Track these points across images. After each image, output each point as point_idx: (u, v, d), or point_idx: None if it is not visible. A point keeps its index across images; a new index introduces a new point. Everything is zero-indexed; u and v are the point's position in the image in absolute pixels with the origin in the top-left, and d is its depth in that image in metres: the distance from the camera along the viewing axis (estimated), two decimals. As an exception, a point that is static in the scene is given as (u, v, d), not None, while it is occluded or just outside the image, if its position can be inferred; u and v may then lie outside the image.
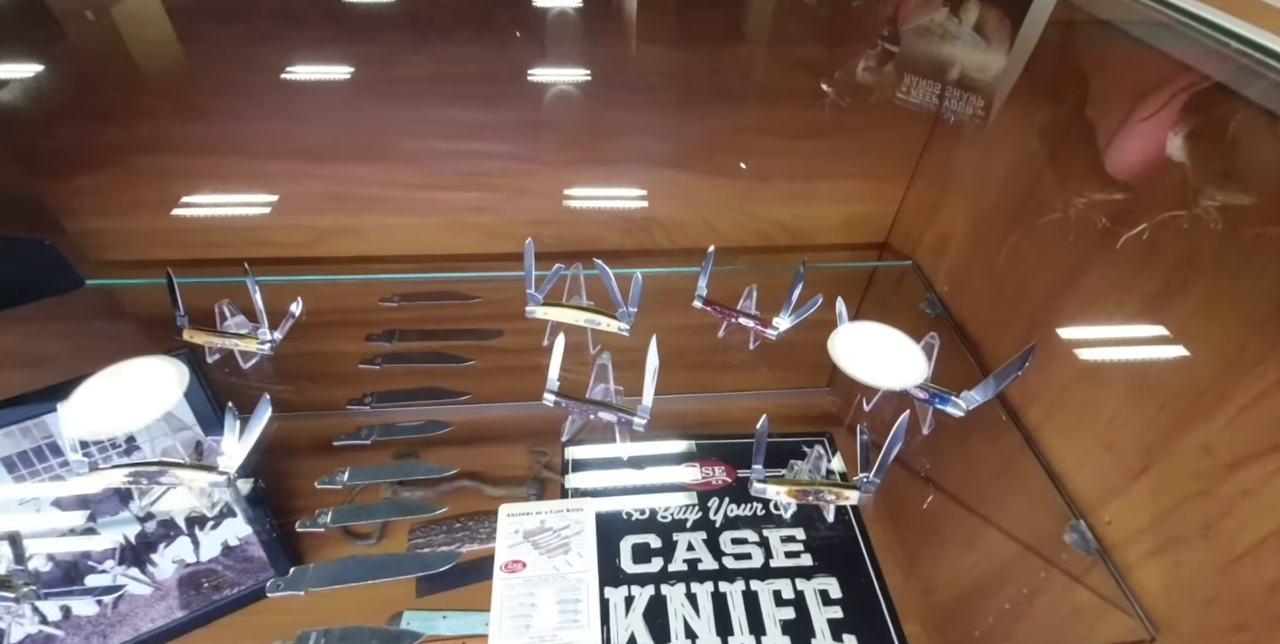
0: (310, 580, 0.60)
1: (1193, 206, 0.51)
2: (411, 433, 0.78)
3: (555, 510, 0.60)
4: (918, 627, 0.89)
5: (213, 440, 0.62)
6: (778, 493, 0.59)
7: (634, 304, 0.69)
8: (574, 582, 0.55)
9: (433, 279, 0.84)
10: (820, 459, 0.62)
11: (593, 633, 0.52)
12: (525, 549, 0.57)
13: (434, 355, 0.82)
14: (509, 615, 0.53)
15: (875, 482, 0.57)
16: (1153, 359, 0.53)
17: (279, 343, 0.69)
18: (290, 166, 0.79)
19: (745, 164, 0.83)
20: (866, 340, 0.71)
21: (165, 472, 0.54)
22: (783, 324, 0.72)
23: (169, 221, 0.81)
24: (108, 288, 0.82)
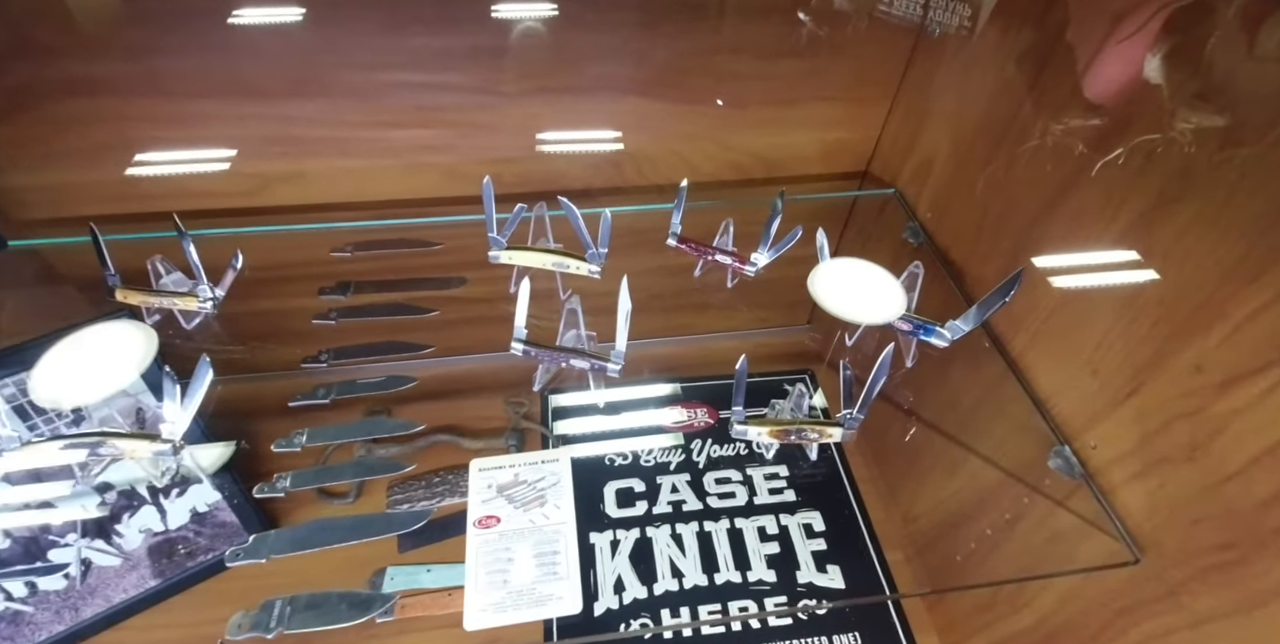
0: (272, 547, 0.57)
1: (1168, 129, 0.49)
2: (372, 390, 0.74)
3: (530, 463, 0.58)
4: (900, 554, 0.91)
5: (156, 407, 0.58)
6: (759, 434, 0.57)
7: (604, 245, 0.65)
8: (551, 534, 0.53)
9: (389, 226, 0.79)
10: (802, 397, 0.61)
11: (573, 584, 0.51)
12: (499, 504, 0.55)
13: (394, 307, 0.77)
14: (484, 572, 0.52)
15: (859, 418, 0.56)
16: (1143, 280, 0.51)
17: (222, 300, 0.64)
18: (224, 106, 0.72)
19: (719, 88, 0.78)
20: (846, 276, 0.68)
21: (104, 442, 0.50)
22: (761, 260, 0.69)
23: (94, 173, 0.75)
24: (33, 249, 0.76)
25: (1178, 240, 0.48)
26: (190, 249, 0.61)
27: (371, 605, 0.55)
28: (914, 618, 0.85)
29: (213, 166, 0.77)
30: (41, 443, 0.51)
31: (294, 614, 0.57)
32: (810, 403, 0.62)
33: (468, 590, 0.51)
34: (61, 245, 0.78)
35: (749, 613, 0.84)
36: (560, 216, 0.71)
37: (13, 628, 0.73)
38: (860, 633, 0.83)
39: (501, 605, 0.49)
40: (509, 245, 0.67)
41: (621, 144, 0.83)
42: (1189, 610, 0.50)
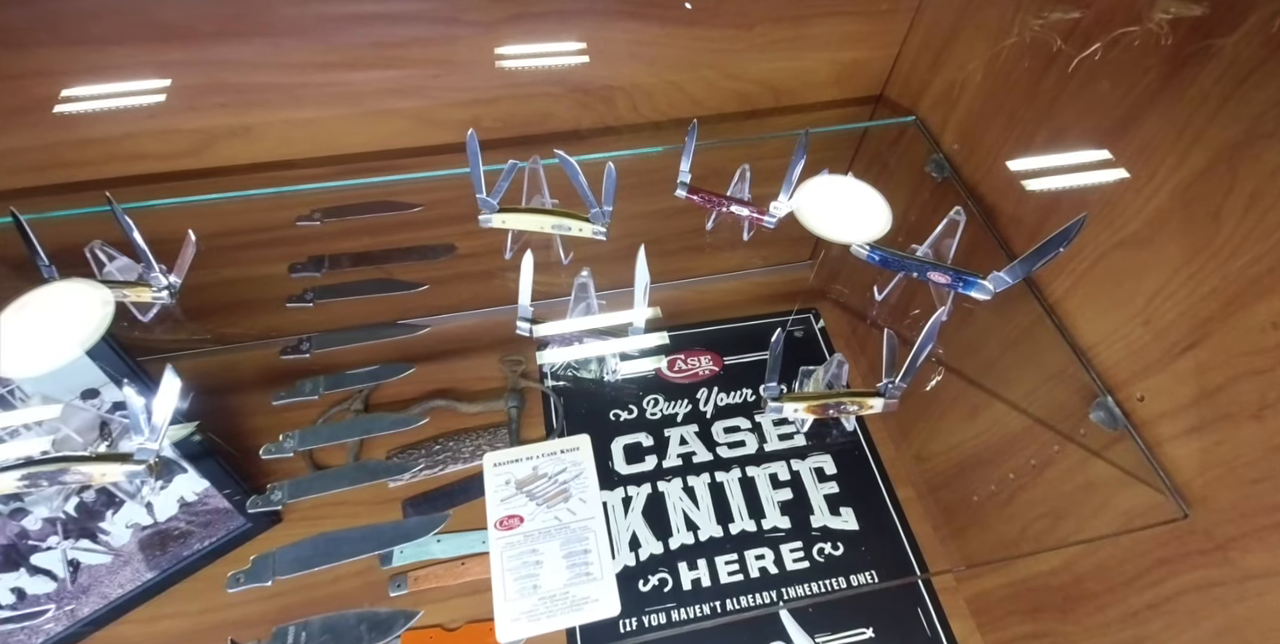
0: (276, 568, 0.53)
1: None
2: (364, 381, 0.68)
3: (548, 454, 0.54)
4: (911, 492, 0.91)
5: (121, 416, 0.52)
6: (795, 411, 0.53)
7: (609, 201, 0.58)
8: (579, 531, 0.50)
9: (358, 186, 0.70)
10: (841, 367, 0.56)
11: (608, 584, 0.48)
12: (519, 501, 0.51)
13: (377, 283, 0.70)
14: (512, 577, 0.48)
15: (901, 386, 0.52)
16: (1218, 228, 0.47)
17: (179, 287, 0.56)
18: (145, 53, 0.61)
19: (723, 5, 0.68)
20: (831, 194, 0.64)
21: (67, 469, 0.44)
22: (782, 209, 0.63)
23: (4, 140, 0.64)
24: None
25: (1271, 179, 0.43)
26: (135, 234, 0.53)
27: (394, 624, 0.52)
28: (929, 553, 0.86)
29: (143, 125, 0.67)
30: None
31: (309, 640, 0.54)
32: (848, 374, 0.58)
33: (496, 599, 0.48)
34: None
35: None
36: (554, 166, 0.64)
37: (5, 636, 0.70)
38: (877, 571, 0.84)
39: (534, 613, 0.46)
40: (501, 207, 0.59)
41: (612, 76, 0.74)
42: (1237, 566, 0.49)
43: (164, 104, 0.65)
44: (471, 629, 0.78)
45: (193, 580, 0.79)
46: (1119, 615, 0.59)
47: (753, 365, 1.05)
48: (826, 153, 0.82)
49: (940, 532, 0.87)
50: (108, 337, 0.63)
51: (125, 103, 0.64)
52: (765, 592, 0.82)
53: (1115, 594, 0.59)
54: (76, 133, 0.66)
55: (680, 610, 0.80)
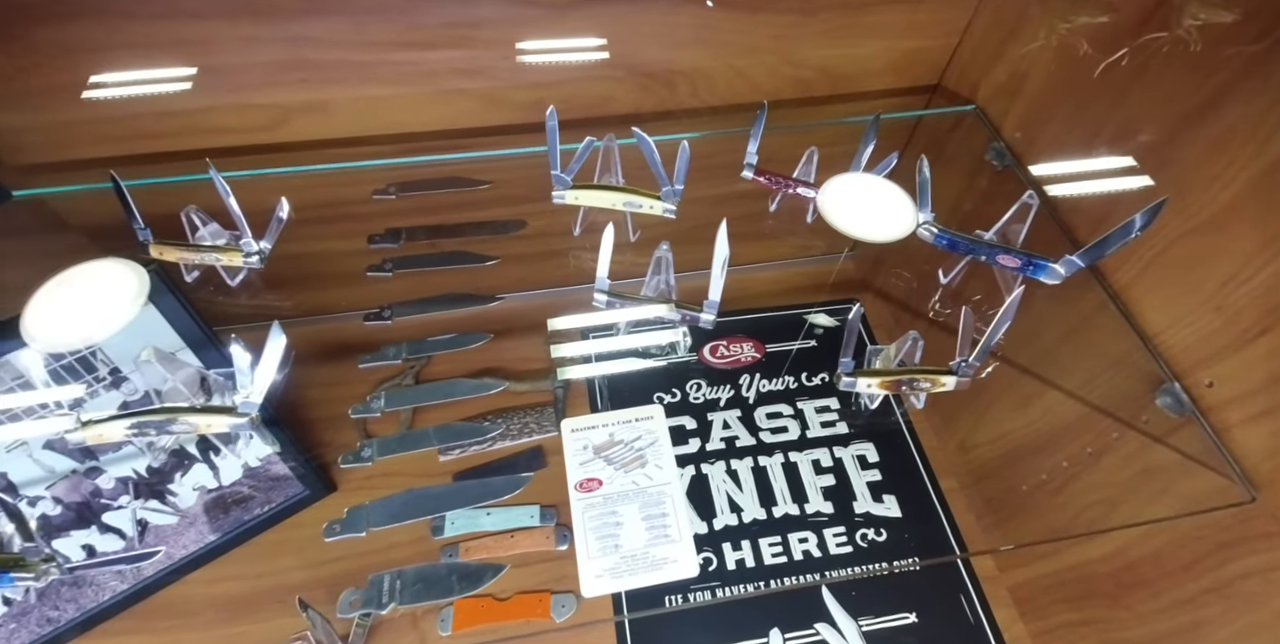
0: (369, 520, 0.55)
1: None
2: (444, 348, 0.70)
3: (623, 421, 0.55)
4: (954, 482, 0.92)
5: (217, 374, 0.54)
6: (869, 386, 0.54)
7: (680, 180, 0.59)
8: (656, 496, 0.51)
9: (429, 163, 0.71)
10: (916, 343, 0.57)
11: (687, 546, 0.49)
12: (598, 466, 0.53)
13: (451, 255, 0.72)
14: (594, 537, 0.50)
15: (974, 365, 0.53)
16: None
17: (268, 253, 0.58)
18: (233, 27, 0.63)
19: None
20: (856, 192, 0.64)
21: (175, 419, 0.46)
22: (849, 191, 0.64)
23: (92, 109, 0.66)
24: (39, 199, 0.69)
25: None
26: (231, 200, 0.55)
27: (483, 576, 0.54)
28: (972, 542, 0.86)
29: (223, 99, 0.69)
30: (105, 422, 0.47)
31: (404, 589, 0.55)
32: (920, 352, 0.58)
33: (580, 557, 0.49)
34: (69, 193, 0.71)
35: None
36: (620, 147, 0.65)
37: (76, 590, 0.73)
38: (920, 558, 0.85)
39: (617, 571, 0.47)
40: (574, 183, 0.61)
41: (676, 61, 0.75)
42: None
43: (245, 79, 0.67)
44: (521, 599, 0.79)
45: (251, 545, 0.81)
46: (1174, 601, 0.59)
47: (793, 353, 1.06)
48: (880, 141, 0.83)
49: (983, 521, 0.87)
50: (185, 303, 0.65)
51: (208, 77, 0.67)
52: (808, 574, 0.83)
53: (1171, 580, 0.59)
54: (159, 105, 0.68)
55: (725, 589, 0.81)
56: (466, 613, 0.77)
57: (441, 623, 0.75)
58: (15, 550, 0.45)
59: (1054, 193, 0.67)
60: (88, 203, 0.74)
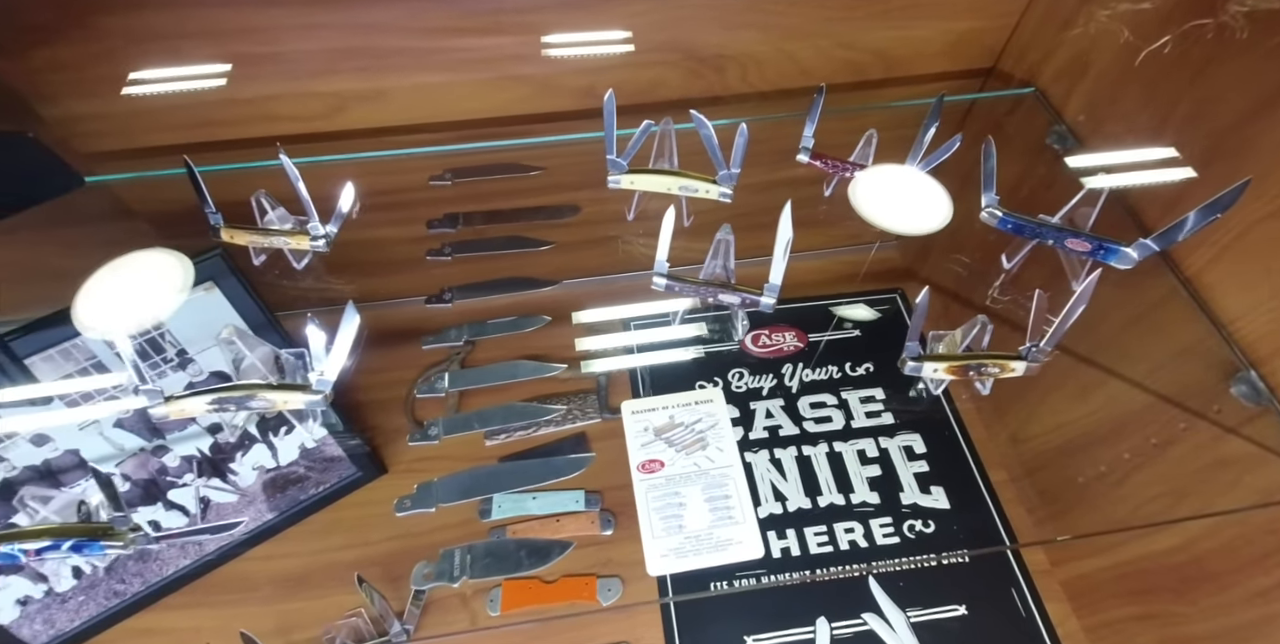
0: (438, 496, 0.56)
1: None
2: (505, 330, 0.71)
3: (683, 404, 0.56)
4: (1003, 474, 0.90)
5: (289, 354, 0.55)
6: (935, 371, 0.53)
7: (737, 164, 0.59)
8: (719, 478, 0.51)
9: (482, 149, 0.72)
10: (985, 328, 0.56)
11: (750, 528, 0.49)
12: (659, 447, 0.53)
13: (508, 240, 0.72)
14: (658, 517, 0.50)
15: (1045, 350, 0.51)
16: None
17: (334, 237, 0.59)
18: (293, 15, 0.64)
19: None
20: (889, 184, 0.63)
21: (254, 396, 0.47)
22: (909, 175, 0.63)
23: (158, 97, 0.68)
24: (106, 185, 0.71)
25: None
26: (300, 184, 0.56)
27: (550, 553, 0.55)
28: (1022, 535, 0.85)
29: (284, 87, 0.70)
30: (186, 398, 0.48)
31: (474, 563, 0.57)
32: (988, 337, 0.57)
33: (644, 536, 0.50)
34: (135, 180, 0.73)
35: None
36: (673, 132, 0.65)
37: (142, 564, 0.75)
38: (970, 550, 0.84)
39: (681, 551, 0.48)
40: (630, 168, 0.61)
41: (726, 45, 0.74)
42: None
43: (306, 66, 0.69)
44: (568, 582, 0.80)
45: (306, 523, 0.83)
46: (1244, 595, 0.58)
47: (836, 343, 1.05)
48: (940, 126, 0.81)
49: (1035, 514, 0.86)
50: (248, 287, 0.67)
51: (271, 65, 0.68)
52: (855, 564, 0.82)
53: (1241, 573, 0.58)
54: (224, 93, 0.70)
55: (770, 576, 0.81)
56: (514, 594, 0.78)
57: (490, 603, 0.76)
58: (104, 520, 0.47)
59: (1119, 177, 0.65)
60: (152, 190, 0.76)
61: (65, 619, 0.73)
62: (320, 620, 0.75)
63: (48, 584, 0.71)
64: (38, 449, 0.65)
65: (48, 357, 0.63)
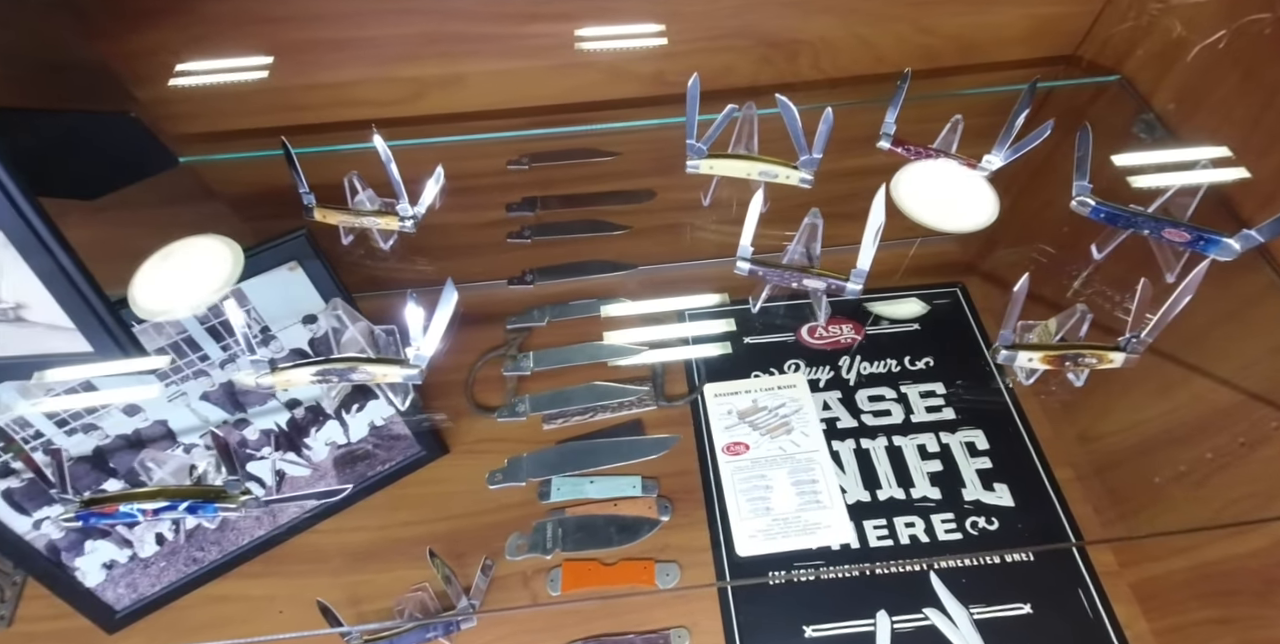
0: (527, 471, 0.57)
1: None
2: (586, 312, 0.72)
3: (766, 389, 0.56)
4: (1070, 473, 0.88)
5: (381, 330, 0.57)
6: (1030, 360, 0.52)
7: (819, 149, 0.58)
8: (805, 462, 0.51)
9: (556, 135, 0.73)
10: (1084, 317, 0.55)
11: (839, 513, 0.49)
12: (743, 430, 0.53)
13: (586, 224, 0.73)
14: (745, 499, 0.51)
15: (1146, 341, 0.50)
16: None
17: (421, 218, 0.61)
18: (379, 1, 0.66)
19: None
20: (933, 180, 0.62)
21: (355, 368, 0.49)
22: (995, 161, 0.62)
23: (250, 82, 0.70)
24: (194, 166, 0.74)
25: None
26: (392, 167, 0.57)
27: (640, 529, 0.56)
28: (1089, 535, 0.83)
29: (367, 72, 0.72)
30: (293, 368, 0.50)
31: (565, 536, 0.58)
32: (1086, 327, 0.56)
33: (731, 517, 0.50)
34: (221, 162, 0.75)
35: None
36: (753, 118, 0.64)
37: (219, 533, 0.78)
38: (1032, 549, 0.82)
39: (769, 532, 0.48)
40: (709, 152, 0.61)
41: (801, 30, 0.74)
42: None
43: (390, 51, 0.70)
44: (626, 566, 0.81)
45: (372, 499, 0.86)
46: (1339, 601, 0.56)
47: (895, 336, 1.04)
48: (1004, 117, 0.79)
49: (1103, 514, 0.84)
50: (329, 268, 0.69)
51: (356, 49, 0.70)
52: (915, 559, 0.81)
53: (1337, 579, 0.56)
54: (309, 77, 0.72)
55: (829, 570, 0.80)
56: (574, 575, 0.79)
57: (550, 583, 0.78)
58: (217, 483, 0.49)
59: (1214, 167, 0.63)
60: (234, 172, 0.79)
61: (147, 584, 0.77)
62: (386, 593, 0.77)
63: (132, 549, 0.74)
64: (129, 419, 0.69)
65: (142, 330, 0.65)
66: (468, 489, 0.86)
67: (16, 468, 0.65)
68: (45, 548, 0.70)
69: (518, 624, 0.76)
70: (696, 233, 0.58)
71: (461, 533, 0.81)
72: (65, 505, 0.48)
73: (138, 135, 0.59)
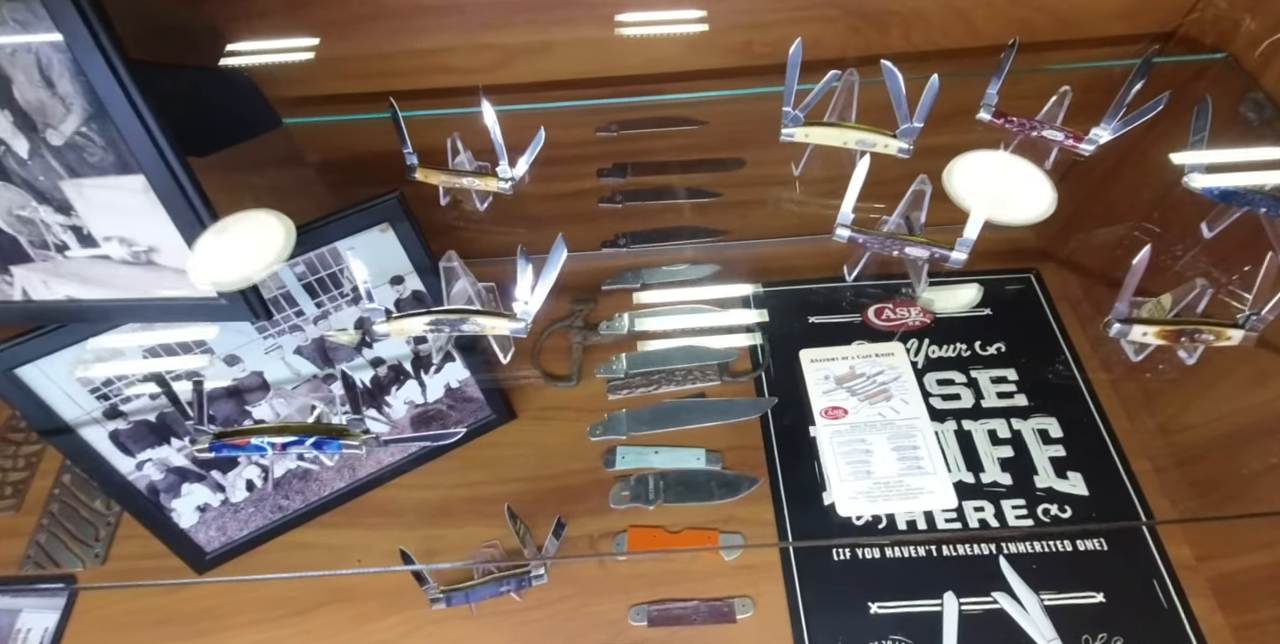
0: (627, 426, 0.59)
1: None
2: (678, 276, 0.73)
3: (863, 356, 0.56)
4: (1147, 465, 0.86)
5: (484, 287, 0.58)
6: (1144, 334, 0.51)
7: (921, 118, 0.57)
8: (905, 428, 0.52)
9: (645, 104, 0.73)
10: (1204, 292, 0.53)
11: (942, 479, 0.49)
12: (841, 395, 0.54)
13: (677, 190, 0.74)
14: (844, 461, 0.51)
15: (1267, 318, 0.48)
16: None
17: (519, 180, 0.62)
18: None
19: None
20: (990, 170, 0.59)
21: (466, 319, 0.51)
22: (1104, 135, 0.60)
23: (348, 47, 0.72)
24: (300, 128, 0.76)
25: None
26: (495, 130, 0.59)
27: (739, 486, 0.57)
28: (1164, 529, 0.81)
29: (457, 39, 0.73)
30: (407, 317, 0.52)
31: (668, 489, 0.60)
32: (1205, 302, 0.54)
33: (831, 480, 0.51)
34: (312, 126, 0.78)
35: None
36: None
37: (304, 483, 0.82)
38: (1106, 539, 0.81)
39: (871, 495, 0.48)
40: (806, 120, 0.61)
41: (894, 0, 0.72)
42: None
43: (480, 19, 0.71)
44: (691, 534, 0.82)
45: (445, 459, 0.88)
46: None
47: (964, 321, 1.02)
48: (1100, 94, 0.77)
49: (1179, 507, 0.82)
50: (418, 231, 0.71)
51: (449, 17, 0.71)
52: (984, 543, 0.80)
53: None
54: (403, 44, 0.73)
55: (895, 549, 0.80)
56: (639, 540, 0.81)
57: (617, 547, 0.80)
58: (340, 422, 0.52)
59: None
60: (325, 137, 0.81)
61: (235, 528, 0.81)
62: (459, 548, 0.80)
63: (224, 494, 0.78)
64: (229, 368, 0.72)
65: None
66: (534, 453, 0.88)
67: (124, 411, 0.70)
68: (146, 488, 0.74)
69: (585, 585, 0.78)
70: (783, 205, 0.58)
71: (529, 495, 0.84)
72: (200, 436, 0.51)
73: (250, 94, 0.62)
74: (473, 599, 0.74)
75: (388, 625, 0.75)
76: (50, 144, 0.45)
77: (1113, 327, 0.51)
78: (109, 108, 0.43)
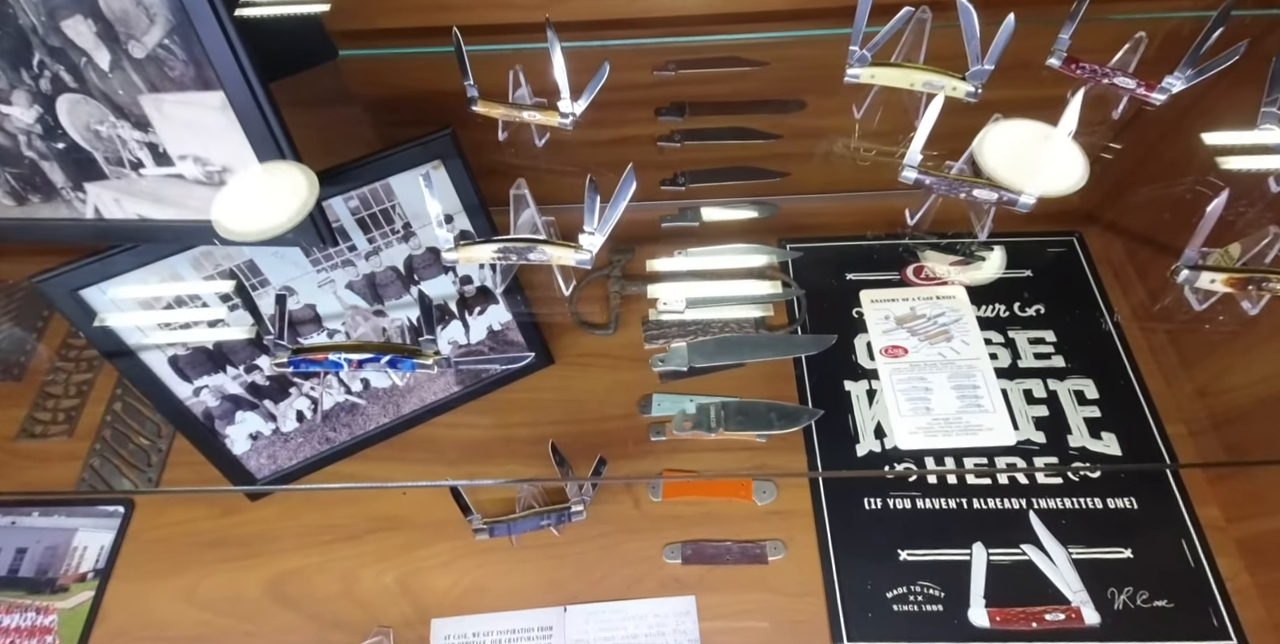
0: (689, 359, 0.60)
1: None
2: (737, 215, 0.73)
3: (923, 297, 0.56)
4: (1182, 429, 0.86)
5: (546, 220, 0.59)
6: (1211, 281, 0.51)
7: (993, 60, 0.56)
8: (965, 368, 0.52)
9: (704, 43, 0.72)
10: (1275, 240, 0.53)
11: (1001, 417, 0.50)
12: (901, 335, 0.54)
13: (737, 131, 0.73)
14: (904, 398, 0.52)
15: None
16: None
17: (578, 115, 0.61)
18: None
19: None
20: (1023, 138, 0.58)
21: (533, 248, 0.51)
22: (1176, 84, 0.58)
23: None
24: (354, 61, 0.76)
25: None
26: (558, 59, 0.58)
27: (799, 417, 0.58)
28: (1195, 493, 0.82)
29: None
30: (476, 245, 0.53)
31: (729, 418, 0.61)
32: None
33: (891, 415, 0.52)
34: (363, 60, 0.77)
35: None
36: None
37: (350, 416, 0.84)
38: (1137, 498, 0.82)
39: (930, 430, 0.49)
40: (872, 61, 0.59)
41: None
42: None
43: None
44: (725, 482, 0.84)
45: (484, 400, 0.90)
46: None
47: (1006, 282, 1.00)
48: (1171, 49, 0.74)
49: (1211, 471, 0.82)
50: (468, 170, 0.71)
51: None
52: (1014, 498, 0.82)
53: None
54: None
55: (925, 500, 0.81)
56: (675, 487, 0.83)
57: (652, 490, 0.82)
58: (412, 344, 0.53)
59: None
60: (376, 72, 0.81)
61: (285, 456, 0.83)
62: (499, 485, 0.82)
63: (276, 423, 0.81)
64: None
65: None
66: (572, 398, 0.90)
67: (182, 340, 0.71)
68: (202, 415, 0.76)
69: (621, 523, 0.80)
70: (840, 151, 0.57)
71: (566, 437, 0.85)
72: (279, 351, 0.52)
73: (310, 24, 0.61)
74: (514, 531, 0.76)
75: (432, 553, 0.78)
76: (132, 56, 0.45)
77: (1181, 273, 0.51)
78: (193, 19, 0.43)
